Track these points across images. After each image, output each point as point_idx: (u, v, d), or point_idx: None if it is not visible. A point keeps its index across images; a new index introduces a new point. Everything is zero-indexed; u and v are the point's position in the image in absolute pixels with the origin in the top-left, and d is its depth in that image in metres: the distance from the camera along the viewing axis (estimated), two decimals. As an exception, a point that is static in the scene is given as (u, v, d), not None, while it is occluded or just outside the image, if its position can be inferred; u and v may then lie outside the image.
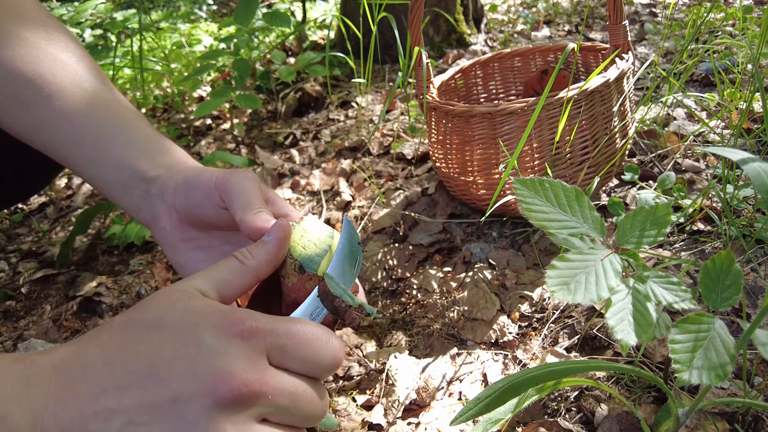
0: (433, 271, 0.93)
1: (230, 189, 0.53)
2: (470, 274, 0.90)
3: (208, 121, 1.79)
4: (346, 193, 1.20)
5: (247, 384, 0.37)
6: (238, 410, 0.37)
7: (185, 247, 0.58)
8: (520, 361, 0.72)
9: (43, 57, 0.59)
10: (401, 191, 1.15)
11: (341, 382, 0.75)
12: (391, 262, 0.97)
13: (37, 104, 0.57)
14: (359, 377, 0.75)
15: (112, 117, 0.59)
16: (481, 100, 1.25)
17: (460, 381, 0.71)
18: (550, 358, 0.71)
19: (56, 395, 0.36)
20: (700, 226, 0.86)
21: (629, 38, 0.93)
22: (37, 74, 0.58)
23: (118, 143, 0.58)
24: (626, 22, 0.91)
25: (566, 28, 2.10)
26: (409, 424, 0.67)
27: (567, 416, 0.63)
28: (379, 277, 0.95)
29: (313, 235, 0.52)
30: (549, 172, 0.87)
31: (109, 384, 0.37)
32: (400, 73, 1.28)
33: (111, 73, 1.70)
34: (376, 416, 0.68)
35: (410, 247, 0.99)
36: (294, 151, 1.45)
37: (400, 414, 0.68)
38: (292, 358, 0.41)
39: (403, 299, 0.89)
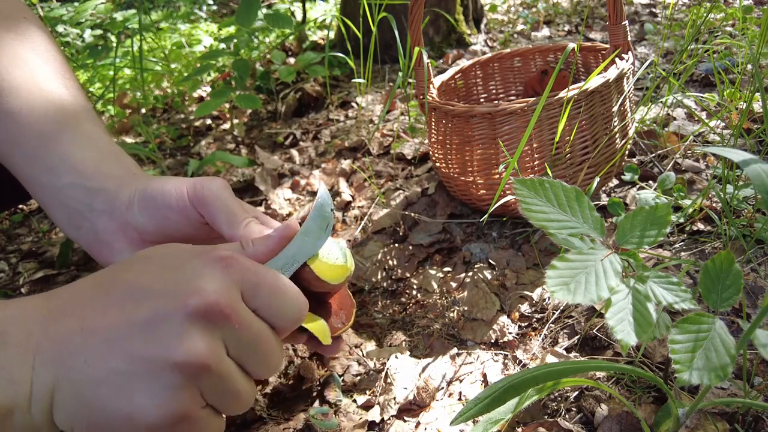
0: (433, 272, 0.93)
1: (208, 203, 0.50)
2: (470, 274, 0.90)
3: (208, 122, 1.79)
4: (346, 193, 1.20)
5: (219, 304, 0.39)
6: (208, 328, 0.39)
7: None
8: (520, 361, 0.72)
9: (2, 55, 0.57)
10: (401, 191, 1.15)
11: (341, 381, 0.75)
12: (391, 262, 0.97)
13: None
14: (359, 377, 0.75)
15: (61, 116, 0.55)
16: (481, 100, 1.25)
17: (460, 381, 0.71)
18: (550, 358, 0.71)
19: (48, 313, 0.39)
20: (700, 226, 0.86)
21: (629, 38, 0.93)
22: None
23: (60, 142, 0.53)
24: (626, 22, 0.91)
25: (566, 28, 2.10)
26: (408, 423, 0.67)
27: (567, 416, 0.63)
28: (379, 277, 0.95)
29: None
30: (549, 172, 0.87)
31: (95, 304, 0.40)
32: (400, 73, 1.28)
33: (111, 73, 1.70)
34: (376, 416, 0.68)
35: (410, 247, 0.99)
36: (294, 152, 1.45)
37: (397, 413, 0.68)
38: (263, 300, 0.43)
39: (403, 299, 0.89)
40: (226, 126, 1.73)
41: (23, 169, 0.54)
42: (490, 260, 0.91)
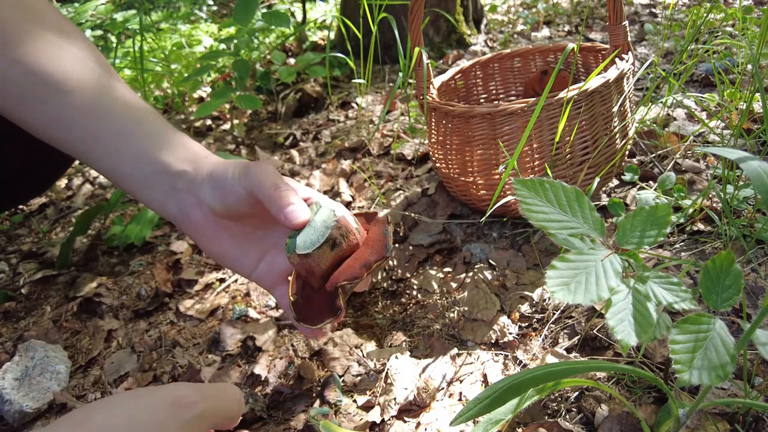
0: (433, 272, 0.93)
1: (256, 186, 0.55)
2: (470, 274, 0.90)
3: (209, 122, 1.79)
4: (347, 193, 1.20)
5: None
6: None
7: (220, 237, 0.61)
8: (521, 361, 0.72)
9: (64, 54, 0.59)
10: (401, 192, 1.15)
11: (342, 382, 0.75)
12: (391, 262, 0.97)
13: (57, 100, 0.57)
14: (359, 378, 0.75)
15: (129, 112, 0.60)
16: (481, 100, 1.25)
17: (461, 381, 0.71)
18: (551, 359, 0.71)
19: None
20: (701, 226, 0.86)
21: (629, 38, 0.93)
22: (57, 70, 0.58)
23: (138, 137, 0.59)
24: (626, 22, 0.91)
25: (566, 28, 2.10)
26: (409, 424, 0.67)
27: (567, 417, 0.63)
28: (379, 277, 0.95)
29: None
30: (549, 172, 0.87)
31: None
32: (400, 74, 1.28)
33: (111, 73, 1.70)
34: (377, 417, 0.68)
35: (410, 248, 0.99)
36: (294, 152, 1.45)
37: (397, 414, 0.68)
38: None
39: (404, 300, 0.89)
40: (227, 126, 1.73)
41: (106, 163, 0.59)
42: (490, 260, 0.91)
